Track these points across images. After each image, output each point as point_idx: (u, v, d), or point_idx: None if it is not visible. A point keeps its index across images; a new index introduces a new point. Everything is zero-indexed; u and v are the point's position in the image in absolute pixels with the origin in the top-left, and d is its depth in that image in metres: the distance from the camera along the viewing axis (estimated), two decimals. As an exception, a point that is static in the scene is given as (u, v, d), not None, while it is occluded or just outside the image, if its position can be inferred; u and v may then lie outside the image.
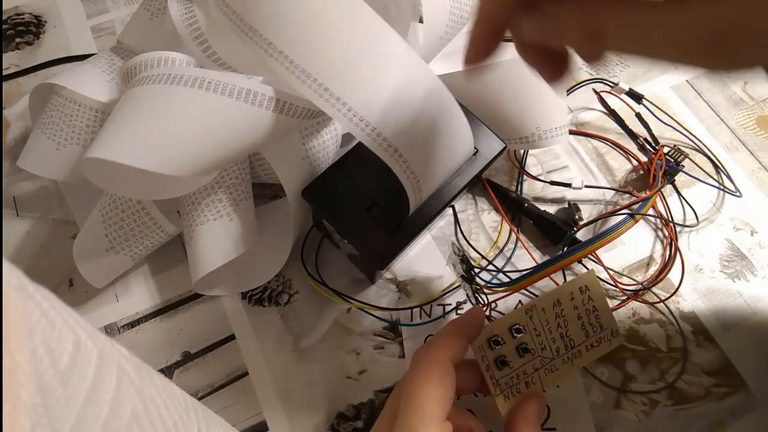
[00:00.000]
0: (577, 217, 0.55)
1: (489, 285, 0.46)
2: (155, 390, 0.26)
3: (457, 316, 0.44)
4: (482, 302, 0.46)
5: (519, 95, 0.52)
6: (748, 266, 0.55)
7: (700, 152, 0.61)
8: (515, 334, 0.43)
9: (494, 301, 0.51)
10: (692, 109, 0.64)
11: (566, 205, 0.57)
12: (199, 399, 0.49)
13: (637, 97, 0.61)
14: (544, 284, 0.53)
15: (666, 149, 0.59)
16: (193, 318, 0.52)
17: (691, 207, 0.58)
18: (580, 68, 0.67)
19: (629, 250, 0.56)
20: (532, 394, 0.43)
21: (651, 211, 0.56)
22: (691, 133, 0.61)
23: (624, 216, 0.51)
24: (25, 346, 0.18)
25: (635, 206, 0.54)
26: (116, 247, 0.49)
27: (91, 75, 0.51)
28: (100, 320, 0.52)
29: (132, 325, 0.52)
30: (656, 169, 0.56)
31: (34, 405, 0.18)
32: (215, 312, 0.53)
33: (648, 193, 0.55)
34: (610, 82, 0.61)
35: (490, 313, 0.52)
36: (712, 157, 0.60)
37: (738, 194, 0.58)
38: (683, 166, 0.58)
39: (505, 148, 0.50)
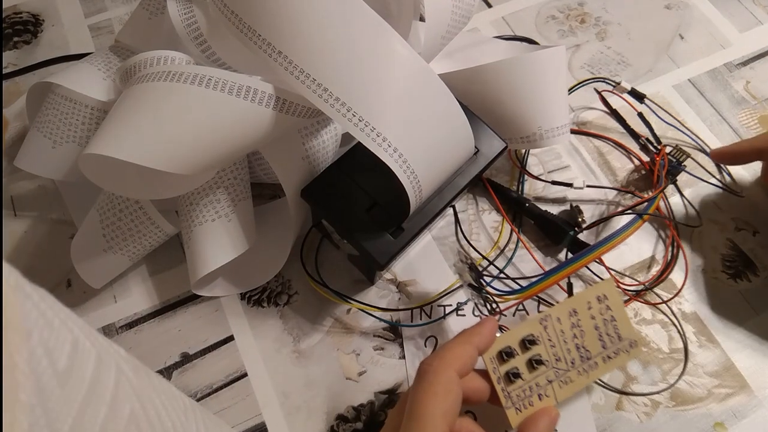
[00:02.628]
0: (579, 219, 0.55)
1: (499, 293, 0.46)
2: (153, 391, 0.26)
3: (468, 326, 0.43)
4: (494, 311, 0.46)
5: (520, 94, 0.51)
6: (750, 266, 0.55)
7: (702, 152, 0.60)
8: (528, 345, 0.43)
9: (504, 310, 0.51)
10: (694, 108, 0.64)
11: (569, 207, 0.57)
12: (198, 400, 0.49)
13: (640, 97, 0.61)
14: (562, 297, 0.53)
15: (668, 149, 0.58)
16: (192, 319, 0.52)
17: (694, 207, 0.57)
18: (582, 67, 0.67)
19: (631, 250, 0.56)
20: (544, 408, 0.42)
21: (662, 212, 0.56)
22: (693, 133, 0.61)
23: (632, 217, 0.51)
24: (23, 347, 0.18)
25: (639, 207, 0.53)
26: (114, 247, 0.49)
27: (87, 73, 0.51)
28: (98, 321, 0.52)
29: (130, 325, 0.52)
30: (659, 168, 0.56)
31: (32, 405, 0.18)
32: (214, 313, 0.52)
33: (652, 193, 0.54)
34: (612, 81, 0.61)
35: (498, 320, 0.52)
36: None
37: (740, 194, 0.58)
38: (685, 166, 0.58)
39: (506, 147, 0.50)
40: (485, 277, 0.49)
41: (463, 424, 0.41)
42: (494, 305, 0.46)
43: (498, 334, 0.43)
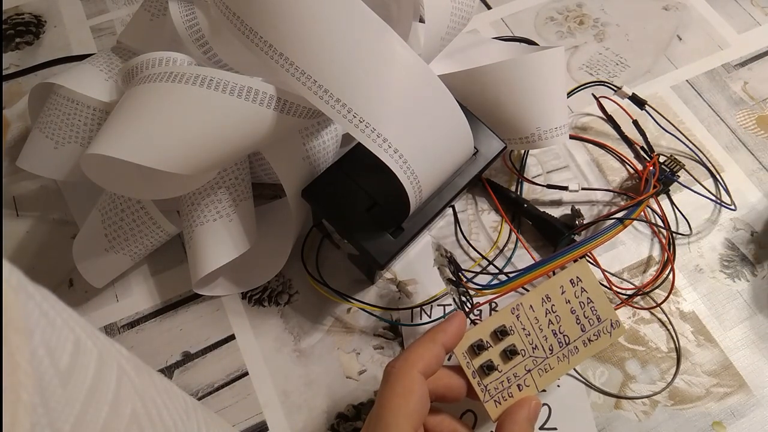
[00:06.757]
0: (577, 222, 0.55)
1: (478, 288, 0.45)
2: (155, 390, 0.26)
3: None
4: (468, 307, 0.45)
5: (519, 95, 0.52)
6: (748, 266, 0.55)
7: (699, 162, 0.61)
8: (501, 336, 0.42)
9: (487, 302, 0.50)
10: (692, 109, 0.64)
11: (568, 209, 0.57)
12: (199, 399, 0.49)
13: (641, 103, 0.61)
14: (539, 283, 0.53)
15: (662, 158, 0.58)
16: (193, 318, 0.52)
17: (685, 218, 0.57)
18: (580, 68, 0.67)
19: (629, 250, 0.56)
20: (524, 398, 0.42)
21: (648, 217, 0.57)
22: (691, 142, 0.61)
23: (614, 221, 0.51)
24: (25, 347, 0.18)
25: (625, 212, 0.54)
26: (116, 246, 0.49)
27: (89, 74, 0.51)
28: (100, 320, 0.52)
29: (132, 325, 0.52)
30: (648, 177, 0.56)
31: (34, 405, 0.18)
32: (215, 312, 0.53)
33: (636, 200, 0.54)
34: (613, 85, 0.61)
35: (479, 315, 0.52)
36: (710, 168, 0.60)
37: (733, 207, 0.58)
38: (678, 176, 0.58)
39: (504, 147, 0.50)
40: (468, 272, 0.48)
41: (444, 422, 0.41)
42: (466, 300, 0.45)
43: (471, 327, 0.42)
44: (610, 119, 0.62)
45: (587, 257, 0.53)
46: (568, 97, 0.59)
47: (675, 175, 0.57)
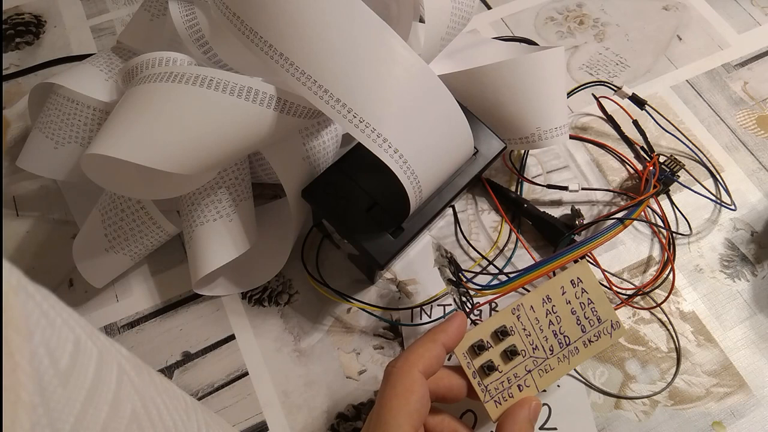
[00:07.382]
0: (577, 222, 0.55)
1: (478, 288, 0.45)
2: (155, 390, 0.26)
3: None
4: (468, 307, 0.45)
5: (519, 95, 0.52)
6: (748, 266, 0.55)
7: (699, 162, 0.61)
8: (502, 337, 0.42)
9: (487, 302, 0.50)
10: (692, 109, 0.64)
11: (568, 209, 0.57)
12: (199, 399, 0.49)
13: (641, 103, 0.60)
14: (540, 284, 0.53)
15: (662, 158, 0.58)
16: (193, 318, 0.52)
17: (685, 218, 0.57)
18: (580, 68, 0.67)
19: (629, 250, 0.56)
20: (524, 399, 0.42)
21: (648, 218, 0.57)
22: (691, 142, 0.61)
23: (614, 221, 0.51)
24: (25, 347, 0.18)
25: (626, 212, 0.54)
26: (116, 246, 0.49)
27: (89, 74, 0.51)
28: (100, 320, 0.52)
29: (132, 325, 0.52)
30: (648, 176, 0.56)
31: (34, 405, 0.18)
32: (215, 312, 0.53)
33: (636, 199, 0.54)
34: (613, 85, 0.61)
35: (479, 316, 0.52)
36: (710, 168, 0.60)
37: (733, 207, 0.58)
38: (678, 177, 0.58)
39: (505, 147, 0.50)
40: (468, 272, 0.48)
41: (444, 422, 0.41)
42: (467, 300, 0.45)
43: (471, 328, 0.42)
44: (610, 119, 0.62)
45: (587, 257, 0.53)
46: (568, 97, 0.59)
47: (675, 175, 0.57)
